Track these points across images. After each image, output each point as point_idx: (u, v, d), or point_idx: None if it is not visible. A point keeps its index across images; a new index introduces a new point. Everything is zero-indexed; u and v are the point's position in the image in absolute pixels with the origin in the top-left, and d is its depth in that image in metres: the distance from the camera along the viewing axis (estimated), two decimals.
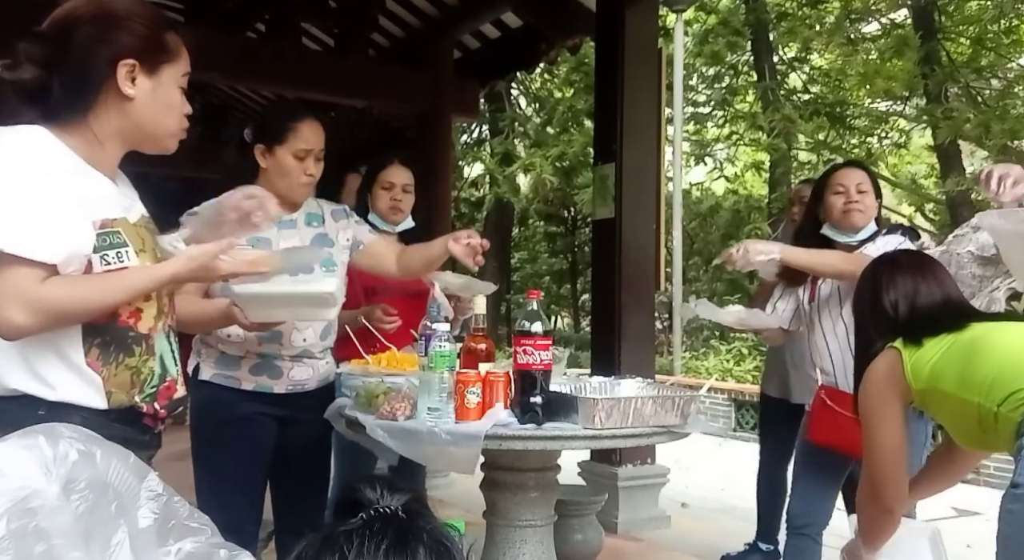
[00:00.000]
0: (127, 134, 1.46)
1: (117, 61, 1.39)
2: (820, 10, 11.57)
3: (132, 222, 1.46)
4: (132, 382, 1.43)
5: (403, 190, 2.92)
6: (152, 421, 1.49)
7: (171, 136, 1.51)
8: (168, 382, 1.51)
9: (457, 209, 13.99)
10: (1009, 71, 10.69)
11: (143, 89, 1.43)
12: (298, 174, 2.23)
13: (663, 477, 4.39)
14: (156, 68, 1.44)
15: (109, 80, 1.40)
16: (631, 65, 4.29)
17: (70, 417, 1.32)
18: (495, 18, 6.01)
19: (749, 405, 8.03)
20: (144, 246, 1.45)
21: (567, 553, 2.98)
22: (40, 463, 1.08)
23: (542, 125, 13.54)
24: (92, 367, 1.38)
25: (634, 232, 4.25)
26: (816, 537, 2.58)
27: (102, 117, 1.42)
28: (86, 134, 1.41)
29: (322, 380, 2.30)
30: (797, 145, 11.64)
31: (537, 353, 1.90)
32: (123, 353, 1.42)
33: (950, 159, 10.47)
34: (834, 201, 2.60)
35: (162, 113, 1.46)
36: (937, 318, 1.88)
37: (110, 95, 1.41)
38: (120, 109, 1.42)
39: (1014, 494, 1.62)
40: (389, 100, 6.31)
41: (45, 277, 1.31)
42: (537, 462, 2.11)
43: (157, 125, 1.47)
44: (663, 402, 1.94)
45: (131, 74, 1.41)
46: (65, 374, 1.37)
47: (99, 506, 1.11)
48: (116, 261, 1.39)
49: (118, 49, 1.39)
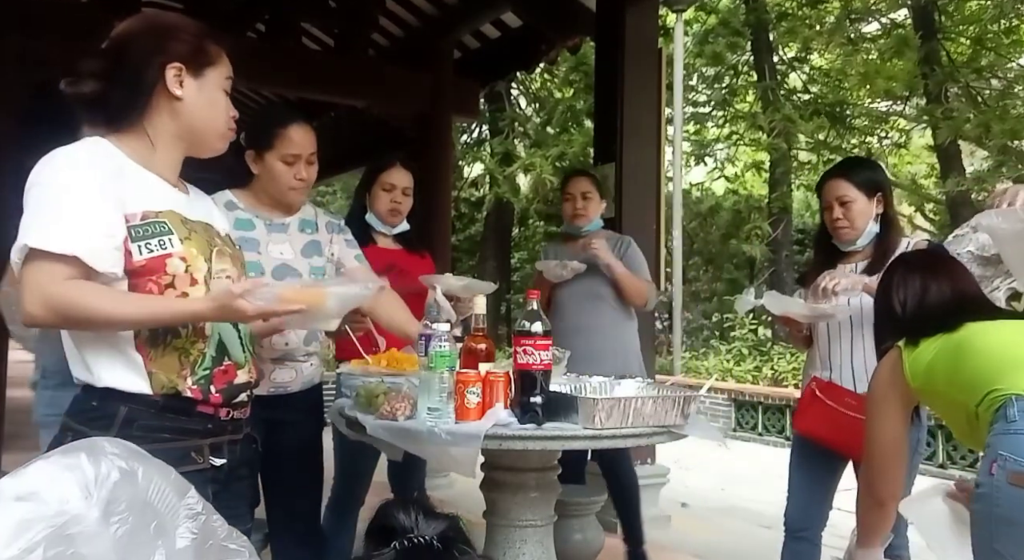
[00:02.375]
0: (180, 136, 1.57)
1: (166, 65, 1.52)
2: (820, 10, 11.57)
3: (184, 215, 1.53)
4: (180, 363, 1.49)
5: (403, 193, 2.92)
6: (209, 408, 1.52)
7: (220, 136, 1.62)
8: (226, 366, 1.55)
9: (457, 209, 14.00)
10: (1009, 71, 10.69)
11: (190, 90, 1.55)
12: (288, 178, 2.22)
13: (663, 477, 4.39)
14: (201, 71, 1.57)
15: (160, 83, 1.53)
16: (631, 65, 4.29)
17: (117, 406, 1.42)
18: (495, 18, 6.01)
19: (749, 405, 8.04)
20: (191, 236, 1.51)
21: (567, 553, 2.97)
22: (81, 485, 1.07)
23: (542, 125, 13.53)
24: (140, 350, 1.46)
25: (634, 232, 4.24)
26: (814, 540, 2.58)
27: (155, 120, 1.54)
28: (142, 138, 1.53)
29: (306, 383, 2.30)
30: (797, 145, 11.64)
31: (537, 353, 1.90)
32: (170, 334, 1.48)
33: (950, 159, 10.48)
34: (825, 218, 2.61)
35: (209, 112, 1.58)
36: (945, 315, 1.88)
37: (161, 98, 1.54)
38: (171, 110, 1.55)
39: (976, 494, 1.65)
40: (389, 100, 6.31)
41: (70, 275, 1.38)
42: (537, 462, 2.11)
43: (205, 123, 1.58)
44: (663, 402, 1.94)
45: (179, 77, 1.54)
46: (109, 360, 1.45)
47: (138, 528, 1.11)
48: (159, 248, 1.46)
49: (166, 54, 1.53)
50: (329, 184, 15.25)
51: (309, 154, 2.24)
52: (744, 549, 4.14)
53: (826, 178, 2.63)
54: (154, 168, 1.54)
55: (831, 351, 2.56)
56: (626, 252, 3.44)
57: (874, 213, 2.54)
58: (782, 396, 7.79)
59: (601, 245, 3.33)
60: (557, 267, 3.32)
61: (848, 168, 2.65)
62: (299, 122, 2.23)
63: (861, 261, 2.57)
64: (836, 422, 2.43)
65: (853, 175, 2.55)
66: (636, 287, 3.38)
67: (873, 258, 2.53)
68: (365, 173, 3.07)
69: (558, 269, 3.32)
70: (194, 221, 1.56)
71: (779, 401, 7.77)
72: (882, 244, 2.54)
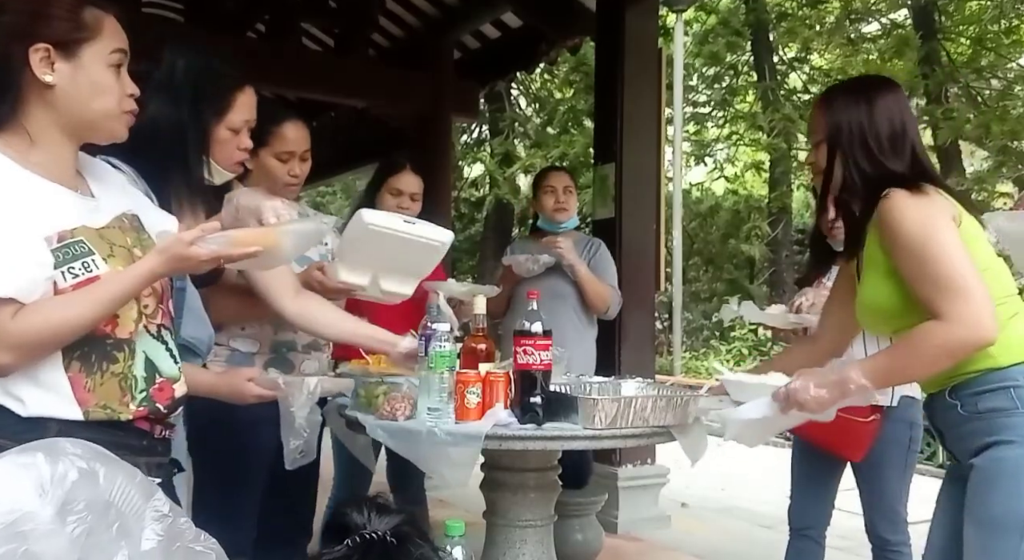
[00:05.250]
0: (63, 126, 1.36)
1: (28, 48, 1.30)
2: (820, 10, 11.57)
3: (97, 227, 1.37)
4: (121, 389, 1.37)
5: (411, 198, 2.91)
6: (147, 424, 1.43)
7: (111, 119, 1.39)
8: (160, 383, 1.43)
9: (457, 209, 13.98)
10: (1009, 71, 10.68)
11: (63, 74, 1.33)
12: (283, 175, 2.23)
13: (663, 477, 4.39)
14: (75, 49, 1.33)
15: (26, 70, 1.31)
16: (631, 65, 4.29)
17: (47, 423, 1.29)
18: (495, 18, 6.00)
19: None
20: (113, 251, 1.37)
21: (567, 553, 2.97)
22: (35, 483, 1.05)
23: (542, 125, 13.52)
24: (75, 381, 1.32)
25: (634, 232, 4.25)
26: (818, 538, 2.61)
27: (31, 113, 1.34)
28: (22, 136, 1.34)
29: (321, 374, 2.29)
30: (797, 145, 11.63)
31: (537, 353, 1.89)
32: (106, 361, 1.36)
33: (950, 159, 10.47)
34: (820, 218, 2.61)
35: (91, 96, 1.35)
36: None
37: (32, 87, 1.33)
38: (45, 100, 1.33)
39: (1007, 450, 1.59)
40: (389, 100, 6.30)
41: (15, 311, 1.25)
42: (537, 462, 2.10)
43: (89, 109, 1.36)
44: (663, 402, 1.93)
45: (47, 59, 1.32)
46: (35, 389, 1.31)
47: (98, 528, 1.08)
48: (83, 272, 1.32)
49: (30, 36, 1.31)
50: (329, 184, 15.24)
51: (303, 151, 2.26)
52: (744, 549, 4.14)
53: None
54: (47, 172, 1.34)
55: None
56: (595, 255, 3.43)
57: None
58: None
59: (567, 245, 3.30)
60: (528, 261, 3.28)
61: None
62: (293, 120, 2.25)
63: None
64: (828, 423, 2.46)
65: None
66: (598, 291, 3.36)
67: None
68: (375, 173, 3.04)
69: (528, 264, 3.28)
70: (107, 228, 1.39)
71: None
72: None
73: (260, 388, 1.79)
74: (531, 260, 3.28)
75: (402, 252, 1.89)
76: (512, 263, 3.33)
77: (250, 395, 1.79)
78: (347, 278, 1.96)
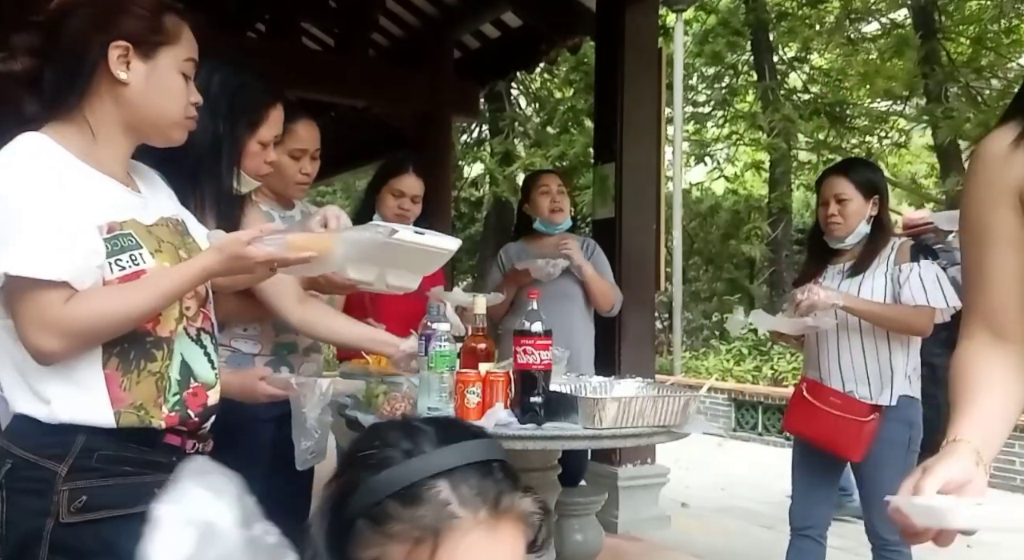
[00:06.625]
0: (127, 125, 1.38)
1: (109, 44, 1.32)
2: (820, 10, 11.56)
3: (146, 224, 1.38)
4: (157, 389, 1.35)
5: (412, 201, 2.91)
6: (176, 439, 1.39)
7: (174, 125, 1.42)
8: (194, 388, 1.41)
9: (457, 209, 13.99)
10: (1009, 71, 10.67)
11: (138, 73, 1.34)
12: (294, 173, 2.27)
13: (663, 477, 4.39)
14: (152, 51, 1.35)
15: (101, 65, 1.32)
16: (631, 65, 4.29)
17: (75, 435, 1.27)
18: (495, 18, 6.01)
19: (749, 405, 8.03)
20: (161, 246, 1.37)
21: (567, 553, 2.97)
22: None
23: (542, 125, 13.52)
24: (111, 379, 1.31)
25: (634, 232, 4.25)
26: (819, 538, 2.62)
27: (96, 107, 1.35)
28: (83, 129, 1.34)
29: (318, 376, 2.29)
30: (797, 145, 11.62)
31: (537, 353, 1.90)
32: (144, 359, 1.34)
33: (950, 159, 10.46)
34: (820, 213, 2.66)
35: (160, 99, 1.37)
36: None
37: (103, 82, 1.34)
38: (114, 96, 1.35)
39: None
40: (389, 100, 6.30)
41: (67, 297, 1.25)
42: (537, 462, 2.11)
43: (156, 112, 1.38)
44: (663, 402, 1.94)
45: (124, 58, 1.33)
46: (66, 389, 1.28)
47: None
48: (131, 265, 1.31)
49: (110, 31, 1.32)
50: (329, 184, 15.23)
51: (314, 150, 2.30)
52: (744, 549, 4.14)
53: (826, 175, 2.69)
54: (102, 166, 1.35)
55: (819, 353, 2.62)
56: (593, 255, 3.43)
57: (868, 214, 2.58)
58: (782, 396, 7.78)
59: (574, 245, 3.31)
60: (547, 265, 3.21)
61: (849, 167, 2.69)
62: (305, 118, 2.30)
63: (848, 261, 2.62)
64: (821, 421, 2.51)
65: (853, 174, 2.60)
66: (604, 290, 3.37)
67: (859, 259, 2.58)
68: (376, 173, 3.04)
69: (548, 268, 3.21)
70: (155, 225, 1.41)
71: (779, 401, 7.75)
72: (870, 246, 2.59)
73: (272, 388, 1.79)
74: (550, 264, 3.20)
75: (412, 257, 1.90)
76: (531, 268, 3.25)
77: (262, 394, 1.79)
78: (355, 276, 1.97)
